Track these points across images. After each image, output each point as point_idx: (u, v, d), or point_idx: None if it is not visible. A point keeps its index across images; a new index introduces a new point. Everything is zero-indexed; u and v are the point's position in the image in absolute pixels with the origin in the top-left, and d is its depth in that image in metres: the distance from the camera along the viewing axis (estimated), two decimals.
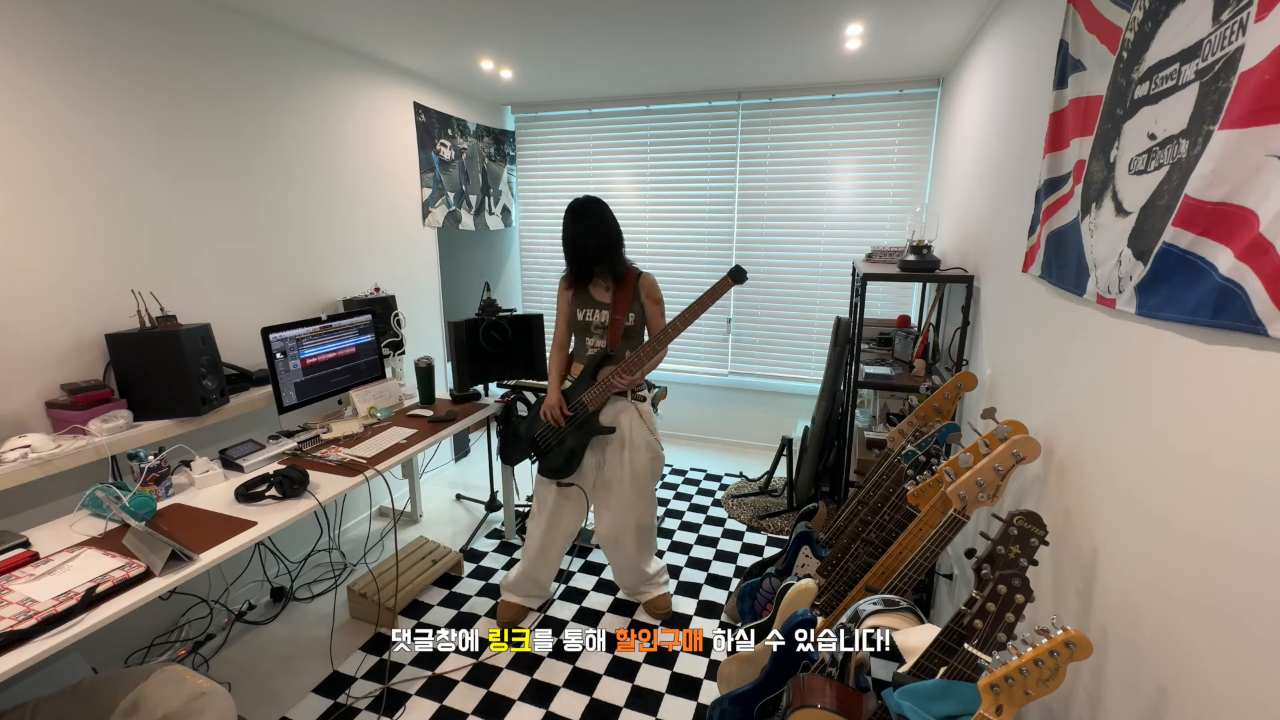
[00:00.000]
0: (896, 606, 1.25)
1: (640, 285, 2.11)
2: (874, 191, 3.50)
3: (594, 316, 2.10)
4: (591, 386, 2.09)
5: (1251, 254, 0.68)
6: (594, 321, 2.11)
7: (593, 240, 2.02)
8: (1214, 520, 0.77)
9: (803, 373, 3.88)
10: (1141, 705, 0.89)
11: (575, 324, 2.15)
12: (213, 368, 1.98)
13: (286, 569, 2.55)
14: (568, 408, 2.12)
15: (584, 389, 2.10)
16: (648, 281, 2.12)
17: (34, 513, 1.73)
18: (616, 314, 2.07)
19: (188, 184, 2.15)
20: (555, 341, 2.23)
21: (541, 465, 2.19)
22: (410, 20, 2.40)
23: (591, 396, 2.08)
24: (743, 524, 3.09)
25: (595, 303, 2.11)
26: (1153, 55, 0.95)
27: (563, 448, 2.13)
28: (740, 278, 1.90)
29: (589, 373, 2.10)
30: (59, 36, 1.76)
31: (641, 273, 2.12)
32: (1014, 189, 1.72)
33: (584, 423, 2.11)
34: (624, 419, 2.14)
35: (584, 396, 2.09)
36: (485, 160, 3.90)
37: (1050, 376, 1.35)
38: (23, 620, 1.16)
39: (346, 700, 1.93)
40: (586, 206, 2.05)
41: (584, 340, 2.15)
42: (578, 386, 2.12)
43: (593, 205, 2.05)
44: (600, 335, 2.11)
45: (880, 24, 2.44)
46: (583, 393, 2.10)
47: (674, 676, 2.05)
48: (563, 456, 2.13)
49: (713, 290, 1.92)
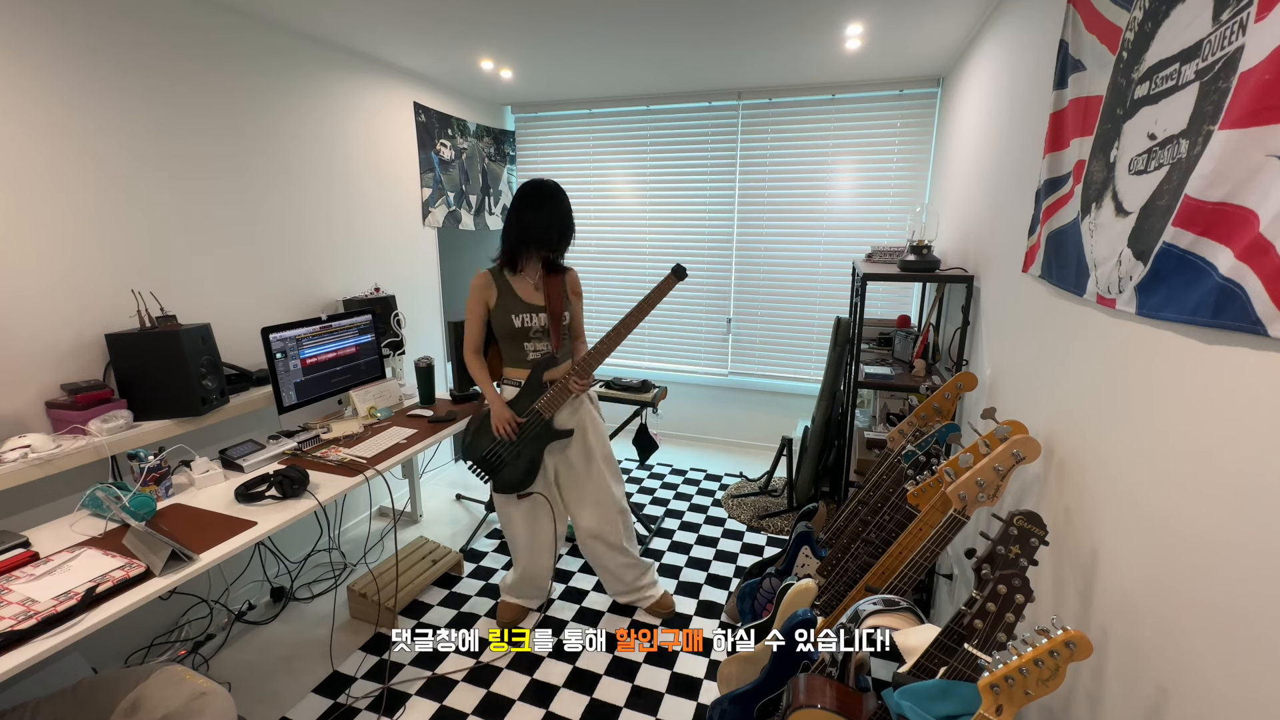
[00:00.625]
0: (896, 606, 1.25)
1: (567, 281, 2.07)
2: (874, 191, 3.50)
3: (533, 321, 2.00)
4: (544, 394, 1.99)
5: (1251, 254, 0.68)
6: (533, 326, 2.01)
7: (561, 223, 1.96)
8: (1214, 520, 0.77)
9: (803, 373, 3.88)
10: (1141, 705, 0.89)
11: (509, 332, 2.02)
12: (213, 368, 1.98)
13: (286, 569, 2.55)
14: (519, 418, 2.02)
15: (535, 397, 2.00)
16: (573, 277, 2.09)
17: (34, 513, 1.73)
18: (554, 314, 2.01)
19: (188, 184, 2.15)
20: (471, 345, 2.07)
21: (497, 483, 2.08)
22: (410, 20, 2.40)
23: (545, 404, 1.99)
24: (743, 524, 3.09)
25: (529, 306, 2.00)
26: (1153, 55, 0.95)
27: (520, 461, 2.04)
28: (681, 274, 1.94)
29: (536, 379, 2.01)
30: (59, 36, 1.76)
31: (567, 269, 2.09)
32: (1014, 189, 1.72)
33: (540, 432, 2.03)
34: (581, 412, 2.10)
35: (536, 405, 2.00)
36: (485, 160, 3.90)
37: (1050, 376, 1.35)
38: (23, 620, 1.16)
39: (346, 700, 1.93)
40: (554, 188, 1.96)
41: (520, 345, 2.04)
42: (526, 394, 2.02)
43: (558, 188, 1.98)
44: (541, 338, 2.03)
45: (880, 24, 2.44)
46: (534, 401, 2.00)
47: (674, 676, 2.05)
48: (521, 470, 2.05)
49: (659, 289, 1.94)
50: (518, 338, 2.04)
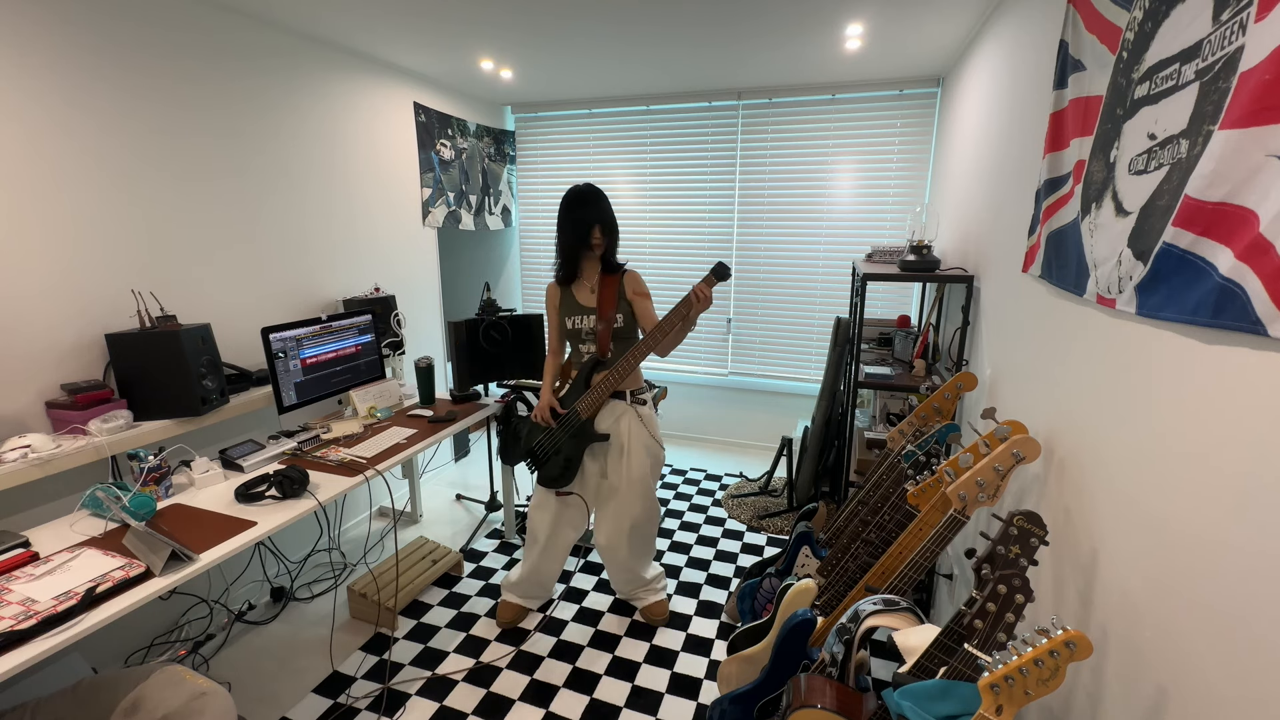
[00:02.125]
0: (896, 606, 1.25)
1: (625, 282, 2.07)
2: (874, 191, 3.50)
3: (583, 323, 2.07)
4: (585, 393, 2.07)
5: (1251, 254, 0.68)
6: (583, 329, 2.08)
7: (603, 221, 2.00)
8: (1214, 520, 0.77)
9: (803, 373, 3.88)
10: (1141, 705, 0.89)
11: (565, 333, 2.13)
12: (213, 368, 1.98)
13: (286, 569, 2.55)
14: (563, 416, 2.09)
15: (577, 396, 2.08)
16: (633, 277, 2.09)
17: (34, 513, 1.74)
18: (602, 318, 2.04)
19: (188, 184, 2.15)
20: (549, 348, 2.23)
21: (540, 475, 2.17)
22: (410, 20, 2.40)
23: (585, 404, 2.06)
24: (743, 524, 3.09)
25: (581, 308, 2.08)
26: (1153, 55, 0.95)
27: (558, 457, 2.11)
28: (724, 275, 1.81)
29: (582, 380, 2.08)
30: (60, 36, 1.76)
31: (626, 270, 2.10)
32: (1014, 189, 1.72)
33: (578, 430, 2.09)
34: (622, 424, 2.11)
35: (577, 404, 2.07)
36: (485, 160, 3.90)
37: (1050, 376, 1.35)
38: (23, 620, 1.16)
39: (346, 700, 1.93)
40: (592, 190, 2.03)
41: (576, 348, 2.14)
42: (571, 394, 2.10)
43: (596, 190, 2.04)
44: (591, 341, 2.08)
45: (880, 24, 2.44)
46: (576, 400, 2.08)
47: (674, 676, 2.05)
48: (559, 466, 2.11)
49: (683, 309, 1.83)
50: (572, 340, 2.14)
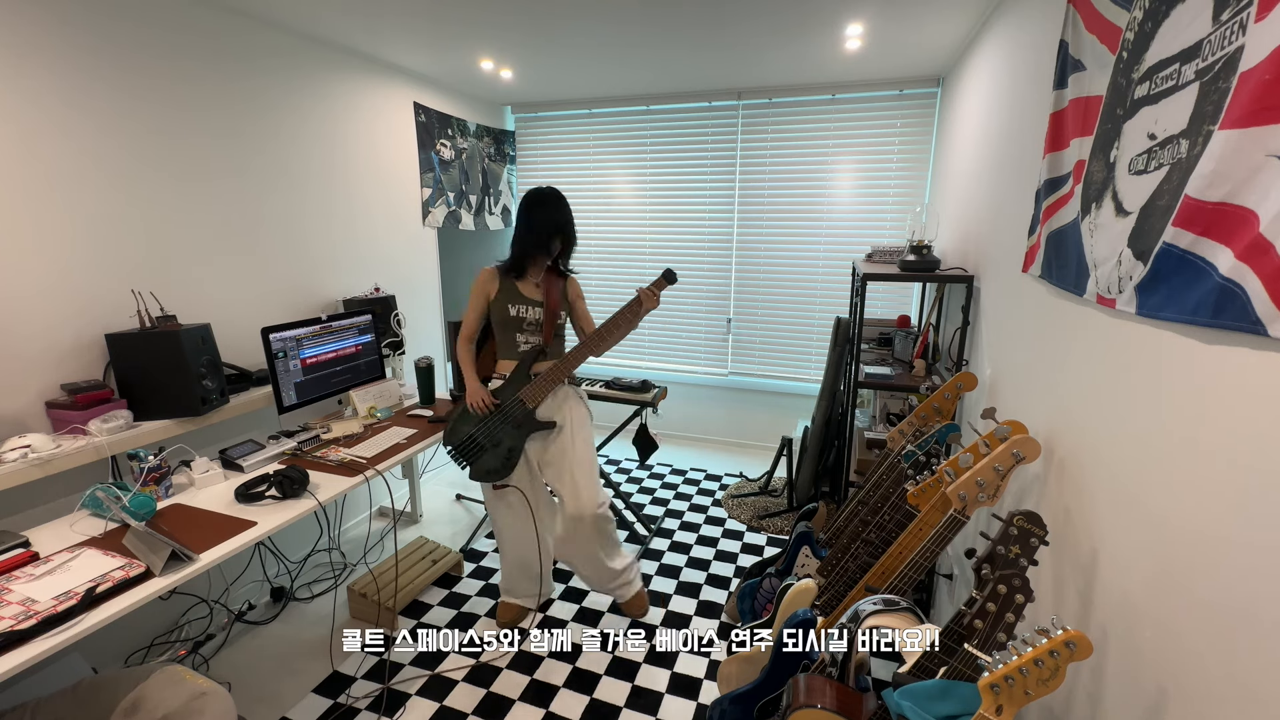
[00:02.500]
0: (896, 606, 1.25)
1: (569, 286, 2.14)
2: (874, 191, 3.50)
3: (527, 313, 2.07)
4: (528, 384, 2.04)
5: (1251, 254, 0.68)
6: (527, 318, 2.07)
7: (559, 228, 2.04)
8: (1214, 520, 0.77)
9: (803, 373, 3.88)
10: (1141, 705, 0.89)
11: (503, 320, 2.08)
12: (213, 368, 1.98)
13: (286, 569, 2.55)
14: (503, 406, 2.05)
15: (520, 385, 2.05)
16: (574, 283, 2.17)
17: (34, 513, 1.73)
18: (551, 310, 2.07)
19: (188, 184, 2.14)
20: (465, 334, 2.14)
21: (474, 470, 2.08)
22: (410, 20, 2.40)
23: (530, 393, 2.03)
24: (743, 524, 3.09)
25: (526, 299, 2.07)
26: (1153, 55, 0.95)
27: (499, 448, 2.06)
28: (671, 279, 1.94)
29: (524, 369, 2.06)
30: (58, 37, 1.76)
31: (569, 276, 2.16)
32: (1014, 189, 1.72)
33: (522, 420, 2.05)
34: (565, 408, 2.12)
35: (520, 394, 2.04)
36: (485, 160, 3.90)
37: (1050, 376, 1.35)
38: (23, 620, 1.16)
39: (346, 700, 1.93)
40: (555, 194, 2.07)
41: (513, 336, 2.09)
42: (512, 383, 2.06)
43: (556, 194, 2.07)
44: (533, 331, 2.09)
45: (880, 24, 2.44)
46: (519, 389, 2.05)
47: (674, 676, 2.05)
48: (499, 458, 2.06)
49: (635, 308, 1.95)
50: (511, 327, 2.09)
